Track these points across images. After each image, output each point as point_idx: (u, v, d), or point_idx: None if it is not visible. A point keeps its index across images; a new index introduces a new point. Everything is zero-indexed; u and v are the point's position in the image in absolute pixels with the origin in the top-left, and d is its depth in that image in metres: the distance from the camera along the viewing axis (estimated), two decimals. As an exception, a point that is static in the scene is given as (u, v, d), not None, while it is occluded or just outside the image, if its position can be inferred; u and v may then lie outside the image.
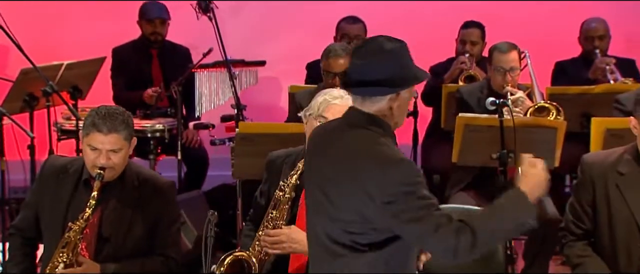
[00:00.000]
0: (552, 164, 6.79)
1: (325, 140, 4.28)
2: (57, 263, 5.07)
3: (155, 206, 5.26)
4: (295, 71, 8.71)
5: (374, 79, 4.04)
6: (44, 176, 5.38)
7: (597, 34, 8.58)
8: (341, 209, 4.13)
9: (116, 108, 5.24)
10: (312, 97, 7.21)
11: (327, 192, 4.17)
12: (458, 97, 7.42)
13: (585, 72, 8.34)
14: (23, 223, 5.38)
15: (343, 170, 4.14)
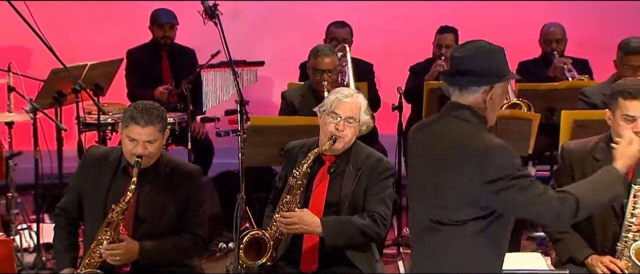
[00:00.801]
0: (526, 151, 6.89)
1: (428, 132, 4.23)
2: (101, 240, 5.06)
3: (185, 190, 5.27)
4: (289, 70, 8.68)
5: (472, 70, 4.06)
6: (87, 164, 5.38)
7: (555, 37, 8.62)
8: (447, 192, 4.10)
9: (152, 104, 5.25)
10: (300, 94, 7.27)
11: (433, 179, 4.13)
12: (440, 94, 7.34)
13: (545, 70, 8.37)
14: (67, 205, 5.37)
15: (448, 158, 4.11)
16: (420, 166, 4.25)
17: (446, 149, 4.13)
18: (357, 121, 5.27)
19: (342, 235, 5.21)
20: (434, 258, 4.17)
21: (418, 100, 8.01)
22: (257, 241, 5.21)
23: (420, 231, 4.20)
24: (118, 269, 5.17)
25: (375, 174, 5.31)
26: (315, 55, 7.24)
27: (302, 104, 7.19)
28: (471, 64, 4.06)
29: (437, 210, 4.14)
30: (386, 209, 5.31)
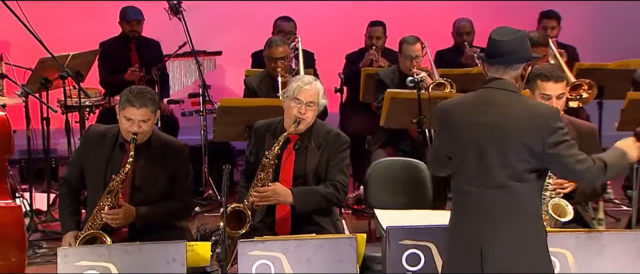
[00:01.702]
0: None
1: (480, 105, 4.07)
2: (102, 206, 5.06)
3: (174, 163, 5.26)
4: (242, 59, 8.59)
5: (514, 51, 4.03)
6: (88, 140, 5.36)
7: (465, 30, 8.66)
8: (508, 155, 4.01)
9: (145, 88, 5.25)
10: (258, 79, 7.28)
11: (494, 145, 4.01)
12: (377, 78, 7.42)
13: (458, 58, 8.42)
14: (71, 176, 5.34)
15: (507, 124, 4.02)
16: (480, 133, 4.05)
17: (511, 115, 4.02)
18: (317, 104, 5.28)
19: (309, 203, 5.25)
20: (507, 215, 4.05)
21: (355, 83, 8.06)
22: (237, 212, 5.20)
23: (483, 191, 4.04)
24: (117, 231, 5.13)
25: (335, 147, 5.32)
26: (270, 46, 7.22)
27: (261, 87, 7.17)
28: (512, 45, 4.02)
29: (501, 170, 4.04)
30: (345, 178, 5.34)
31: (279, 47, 7.17)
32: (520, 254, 4.06)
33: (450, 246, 4.20)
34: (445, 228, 4.52)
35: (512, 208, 4.05)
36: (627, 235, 4.79)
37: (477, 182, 4.04)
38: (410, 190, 5.78)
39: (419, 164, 5.87)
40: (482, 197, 4.05)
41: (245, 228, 5.14)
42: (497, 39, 4.05)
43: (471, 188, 4.07)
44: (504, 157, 4.03)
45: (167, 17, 8.08)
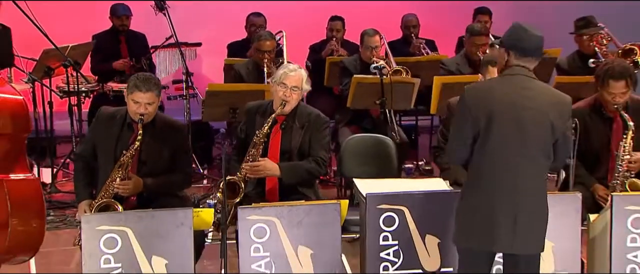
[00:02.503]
0: (409, 105, 7.06)
1: (519, 90, 4.04)
2: (114, 177, 5.08)
3: (175, 140, 5.28)
4: (219, 50, 8.59)
5: (541, 46, 4.10)
6: (100, 120, 5.34)
7: (412, 24, 8.71)
8: (542, 133, 4.04)
9: (150, 75, 5.26)
10: (247, 67, 7.27)
11: (532, 124, 4.01)
12: (341, 66, 7.47)
13: (406, 48, 8.47)
14: (85, 152, 5.33)
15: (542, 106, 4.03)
16: (522, 113, 4.02)
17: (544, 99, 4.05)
18: (301, 89, 5.28)
19: (295, 176, 5.27)
20: (539, 184, 4.10)
21: (319, 70, 8.09)
22: (232, 184, 5.19)
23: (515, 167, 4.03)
24: (127, 200, 5.14)
25: (316, 126, 5.33)
26: (259, 39, 7.22)
27: (248, 74, 7.18)
28: (541, 42, 4.08)
29: (534, 146, 4.06)
30: (326, 154, 5.36)
31: (267, 41, 7.18)
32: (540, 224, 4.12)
33: (476, 214, 4.09)
34: (416, 194, 4.70)
35: (539, 181, 4.10)
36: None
37: (514, 157, 4.02)
38: (378, 162, 5.84)
39: (386, 139, 5.95)
40: (516, 170, 4.03)
41: (239, 197, 5.15)
42: (533, 34, 4.05)
43: (508, 163, 4.02)
44: (538, 135, 4.05)
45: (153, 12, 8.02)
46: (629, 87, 5.28)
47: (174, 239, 4.53)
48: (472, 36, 7.44)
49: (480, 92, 4.12)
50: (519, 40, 4.08)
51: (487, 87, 4.15)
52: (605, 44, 7.59)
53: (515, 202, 4.04)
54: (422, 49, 8.47)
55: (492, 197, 4.05)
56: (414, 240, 4.65)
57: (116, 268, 4.51)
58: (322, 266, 4.63)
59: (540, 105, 4.05)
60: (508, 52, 4.10)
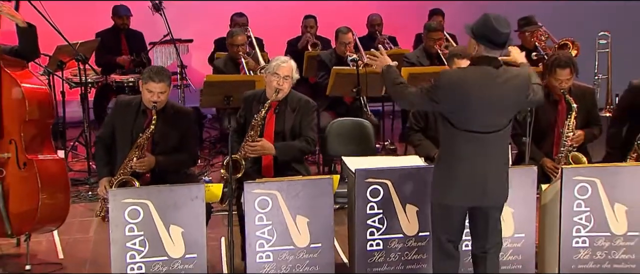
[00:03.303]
0: (379, 93, 7.07)
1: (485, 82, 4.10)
2: (132, 157, 5.11)
3: (184, 124, 5.29)
4: (206, 45, 8.62)
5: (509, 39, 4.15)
6: (118, 107, 5.34)
7: (376, 22, 8.84)
8: (508, 108, 4.17)
9: (162, 67, 5.29)
10: (224, 62, 7.28)
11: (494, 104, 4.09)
12: (319, 59, 7.51)
13: (371, 43, 8.37)
14: (104, 135, 5.32)
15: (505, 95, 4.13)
16: (484, 99, 4.09)
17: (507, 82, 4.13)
18: (291, 78, 5.30)
19: (288, 153, 5.30)
20: (503, 148, 4.24)
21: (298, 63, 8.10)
22: (234, 161, 5.17)
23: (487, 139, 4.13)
24: (142, 176, 5.16)
25: (305, 110, 5.36)
26: (232, 36, 7.27)
27: (226, 67, 7.20)
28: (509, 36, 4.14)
29: (501, 120, 4.16)
30: (314, 134, 5.39)
31: (239, 36, 7.24)
32: (504, 181, 4.26)
33: (452, 178, 4.17)
34: (398, 169, 4.75)
35: (503, 148, 4.23)
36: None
37: (485, 130, 4.11)
38: (358, 142, 5.86)
39: (365, 122, 5.98)
40: (486, 141, 4.12)
41: (241, 173, 5.17)
42: (501, 31, 4.08)
43: (479, 135, 4.11)
44: (503, 110, 4.16)
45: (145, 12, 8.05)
46: (572, 74, 5.42)
47: (189, 210, 4.55)
48: (429, 32, 7.57)
49: (455, 78, 4.18)
50: (489, 36, 4.11)
51: (461, 74, 4.20)
52: (544, 39, 7.78)
53: (486, 165, 4.16)
54: (386, 45, 8.53)
55: (467, 161, 4.14)
56: (396, 209, 4.70)
57: (139, 236, 4.52)
58: (317, 232, 4.67)
59: (505, 88, 4.13)
60: (478, 44, 4.14)
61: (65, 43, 6.77)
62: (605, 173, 4.84)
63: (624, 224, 4.88)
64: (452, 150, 4.19)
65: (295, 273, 4.69)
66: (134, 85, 7.93)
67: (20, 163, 5.09)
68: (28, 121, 5.11)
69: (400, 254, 4.77)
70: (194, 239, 4.58)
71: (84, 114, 7.32)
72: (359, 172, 4.67)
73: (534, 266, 4.92)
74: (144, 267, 4.55)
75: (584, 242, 4.89)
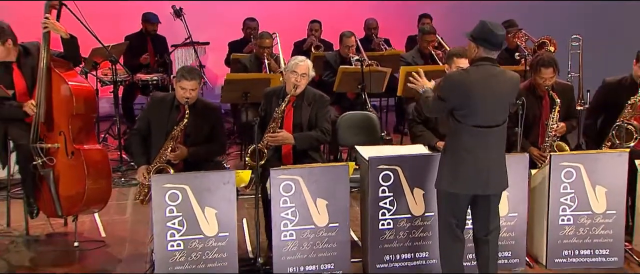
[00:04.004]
0: (381, 90, 7.07)
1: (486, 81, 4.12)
2: (167, 147, 5.12)
3: (212, 117, 5.31)
4: (221, 46, 8.58)
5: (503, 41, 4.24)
6: (153, 103, 5.36)
7: (373, 26, 8.80)
8: (506, 105, 4.19)
9: (193, 67, 5.33)
10: (249, 60, 7.30)
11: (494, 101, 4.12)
12: (325, 60, 7.52)
13: (368, 46, 8.48)
14: (141, 128, 5.33)
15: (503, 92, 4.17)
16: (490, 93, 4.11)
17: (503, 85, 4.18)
18: (308, 75, 5.30)
19: (305, 143, 5.30)
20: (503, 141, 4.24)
21: None
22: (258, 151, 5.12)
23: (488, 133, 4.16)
24: (176, 164, 5.17)
25: (320, 104, 5.37)
26: (260, 37, 7.28)
27: (251, 66, 7.21)
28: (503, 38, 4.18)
29: (500, 115, 4.19)
30: (328, 125, 5.38)
31: (266, 39, 7.26)
32: (504, 170, 4.28)
33: (459, 169, 4.17)
34: (407, 156, 4.76)
35: (502, 140, 4.25)
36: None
37: (487, 124, 4.14)
38: (366, 133, 5.87)
39: (372, 115, 5.99)
40: (488, 134, 4.15)
41: (264, 160, 5.19)
42: (497, 33, 4.10)
43: (482, 129, 4.13)
44: (502, 107, 4.19)
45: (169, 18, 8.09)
46: (555, 73, 5.49)
47: (221, 193, 4.60)
48: (423, 35, 7.60)
49: (459, 79, 4.20)
50: (487, 38, 4.13)
51: (465, 74, 4.20)
52: (524, 40, 7.85)
53: (488, 157, 4.19)
54: (382, 46, 8.57)
55: (472, 153, 4.16)
56: (405, 192, 4.73)
57: (178, 216, 4.58)
58: (335, 213, 4.71)
59: (503, 87, 4.18)
60: (478, 47, 4.16)
61: (100, 46, 6.76)
62: (587, 159, 4.93)
63: (603, 204, 4.95)
64: (458, 143, 4.19)
65: (316, 249, 4.75)
66: (158, 83, 7.98)
67: (69, 152, 5.13)
68: (75, 115, 5.15)
69: (408, 232, 4.81)
70: (226, 219, 4.63)
71: (116, 109, 7.31)
72: (372, 160, 4.70)
73: (525, 241, 4.99)
74: (183, 244, 4.61)
75: (569, 220, 4.98)
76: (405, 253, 4.83)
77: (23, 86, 5.25)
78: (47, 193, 5.19)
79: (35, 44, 5.30)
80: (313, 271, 4.75)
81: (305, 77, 5.30)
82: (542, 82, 5.48)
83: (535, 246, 5.09)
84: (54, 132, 5.16)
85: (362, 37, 8.84)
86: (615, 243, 4.99)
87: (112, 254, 5.27)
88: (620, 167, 4.90)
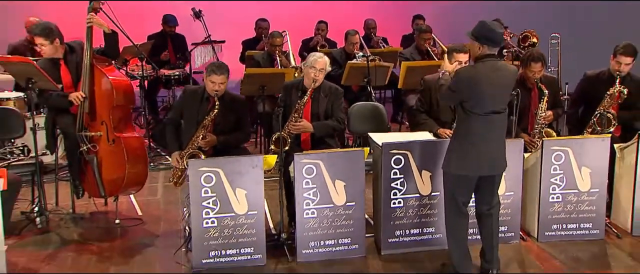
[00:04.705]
0: (384, 83, 7.06)
1: (491, 75, 4.16)
2: (198, 135, 5.15)
3: (238, 108, 5.34)
4: (235, 45, 8.57)
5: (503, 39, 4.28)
6: (185, 95, 5.36)
7: (372, 26, 8.79)
8: (505, 97, 4.25)
9: (222, 63, 5.29)
10: (262, 57, 7.31)
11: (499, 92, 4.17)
12: (331, 56, 7.32)
13: (368, 43, 8.37)
14: (174, 118, 5.36)
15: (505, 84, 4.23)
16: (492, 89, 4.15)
17: (505, 78, 4.24)
18: (325, 70, 5.30)
19: (323, 130, 5.31)
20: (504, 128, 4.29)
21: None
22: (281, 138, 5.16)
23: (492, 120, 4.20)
24: (206, 150, 5.20)
25: (335, 96, 5.38)
26: (272, 36, 7.27)
27: (264, 62, 7.21)
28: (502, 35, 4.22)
29: (504, 104, 4.24)
30: (343, 115, 5.42)
31: (277, 38, 7.26)
32: (504, 154, 4.35)
33: (467, 153, 4.21)
34: (416, 141, 4.79)
35: (504, 127, 4.31)
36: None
37: (492, 113, 4.20)
38: (375, 121, 5.89)
39: (380, 105, 6.00)
40: (493, 122, 4.22)
41: (287, 146, 5.18)
42: (497, 31, 4.16)
43: (488, 117, 4.19)
44: (505, 96, 4.27)
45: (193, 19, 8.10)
46: (543, 67, 5.56)
47: (250, 176, 4.65)
48: (421, 33, 7.65)
49: (467, 74, 4.25)
50: (489, 36, 4.17)
51: (473, 70, 4.24)
52: (510, 37, 7.94)
53: (493, 142, 4.25)
54: (381, 44, 8.60)
55: (479, 139, 4.22)
56: (414, 174, 4.78)
57: (212, 196, 4.63)
58: (351, 193, 4.76)
59: (505, 79, 4.25)
60: (481, 45, 4.20)
61: (130, 44, 6.79)
62: (575, 144, 5.02)
63: (588, 183, 5.04)
64: (466, 130, 4.24)
65: (334, 225, 4.82)
66: (179, 78, 8.01)
67: (110, 140, 5.18)
68: (115, 107, 5.20)
69: (417, 210, 4.87)
70: (255, 199, 4.69)
71: (144, 102, 7.34)
72: (386, 145, 4.76)
73: (520, 217, 5.09)
74: (216, 221, 4.67)
75: (558, 198, 5.07)
76: (414, 228, 4.90)
77: (69, 80, 5.31)
78: (91, 176, 5.25)
79: (79, 43, 5.34)
80: (332, 244, 4.83)
81: (322, 72, 5.32)
82: (531, 75, 5.55)
83: (528, 221, 5.19)
84: (96, 122, 5.21)
85: (363, 36, 8.77)
86: (598, 218, 5.10)
87: (149, 230, 5.34)
88: (603, 151, 5.00)
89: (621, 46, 5.50)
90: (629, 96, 5.49)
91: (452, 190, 4.38)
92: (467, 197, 4.39)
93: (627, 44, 5.52)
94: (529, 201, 5.15)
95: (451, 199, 4.40)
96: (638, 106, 5.61)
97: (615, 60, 5.58)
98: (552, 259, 4.82)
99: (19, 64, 5.22)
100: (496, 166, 4.31)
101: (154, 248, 5.02)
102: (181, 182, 5.24)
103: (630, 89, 5.52)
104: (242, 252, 4.71)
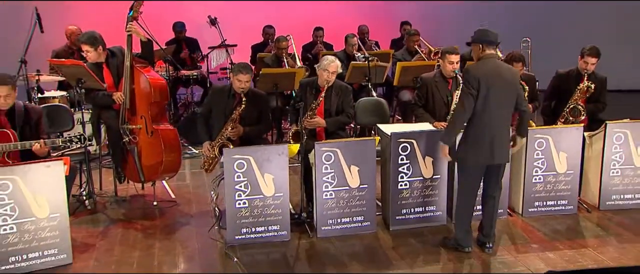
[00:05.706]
0: (381, 80, 7.01)
1: (497, 70, 4.16)
2: (227, 127, 5.16)
3: (261, 103, 5.33)
4: (244, 48, 8.52)
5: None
6: (214, 92, 5.37)
7: (365, 31, 8.72)
8: (511, 96, 4.23)
9: (247, 63, 5.28)
10: (271, 61, 7.26)
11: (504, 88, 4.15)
12: None
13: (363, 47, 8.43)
14: (205, 112, 5.35)
15: (510, 80, 4.21)
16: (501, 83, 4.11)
17: (510, 75, 4.23)
18: (336, 72, 5.29)
19: (335, 125, 5.31)
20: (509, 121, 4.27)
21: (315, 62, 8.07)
22: (297, 132, 5.21)
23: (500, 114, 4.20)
24: (233, 141, 5.19)
25: (345, 93, 5.37)
26: (278, 41, 7.25)
27: (272, 64, 7.18)
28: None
29: (511, 100, 4.24)
30: (352, 110, 5.38)
31: (283, 42, 7.25)
32: (508, 146, 4.38)
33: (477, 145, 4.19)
34: (421, 131, 4.82)
35: (508, 121, 4.31)
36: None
37: (499, 108, 4.20)
38: (378, 114, 5.90)
39: (382, 101, 6.00)
40: (500, 116, 4.22)
41: (304, 140, 5.11)
42: (491, 32, 4.19)
43: (494, 111, 4.19)
44: (509, 94, 4.24)
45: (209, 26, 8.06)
46: (523, 66, 5.61)
47: (277, 162, 4.67)
48: (410, 36, 7.65)
49: (474, 71, 4.21)
50: (486, 37, 4.20)
51: (477, 68, 4.20)
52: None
53: (500, 133, 4.25)
54: (374, 47, 8.60)
55: (487, 131, 4.23)
56: (418, 160, 4.82)
57: (244, 181, 4.65)
58: (365, 177, 4.79)
59: (508, 77, 4.24)
60: (482, 46, 4.23)
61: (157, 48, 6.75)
62: (553, 132, 5.11)
63: (564, 166, 5.14)
64: (477, 123, 4.22)
65: (350, 205, 4.86)
66: (198, 77, 7.97)
67: (149, 132, 5.18)
68: (153, 103, 5.21)
69: (420, 191, 4.91)
70: (280, 183, 4.72)
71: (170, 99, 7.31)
72: (394, 134, 4.81)
73: (508, 196, 5.17)
74: (247, 202, 4.70)
75: (540, 179, 5.16)
76: (418, 207, 4.95)
77: (111, 81, 5.31)
78: (132, 164, 5.26)
79: (118, 48, 5.34)
80: (347, 222, 4.88)
81: (334, 74, 5.30)
82: None
83: (513, 199, 5.27)
84: (136, 116, 5.21)
85: (357, 40, 8.94)
86: (572, 195, 5.18)
87: (184, 211, 5.35)
88: (577, 138, 5.11)
89: (587, 48, 5.55)
90: (594, 91, 5.56)
91: (468, 178, 4.36)
92: (479, 183, 4.40)
93: (592, 47, 5.58)
94: (514, 182, 5.23)
95: (466, 186, 4.37)
96: (600, 99, 5.68)
97: (583, 60, 5.66)
98: (535, 231, 4.91)
99: (72, 66, 5.21)
100: (502, 156, 4.31)
101: (189, 226, 5.04)
102: (211, 169, 5.24)
103: (595, 85, 5.60)
104: (269, 229, 4.75)
